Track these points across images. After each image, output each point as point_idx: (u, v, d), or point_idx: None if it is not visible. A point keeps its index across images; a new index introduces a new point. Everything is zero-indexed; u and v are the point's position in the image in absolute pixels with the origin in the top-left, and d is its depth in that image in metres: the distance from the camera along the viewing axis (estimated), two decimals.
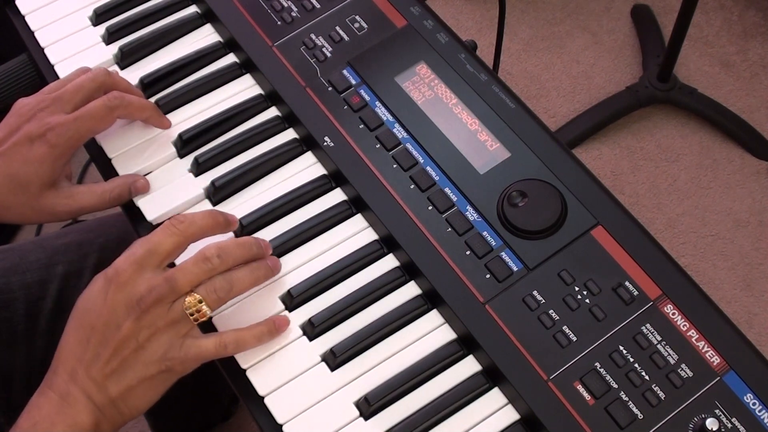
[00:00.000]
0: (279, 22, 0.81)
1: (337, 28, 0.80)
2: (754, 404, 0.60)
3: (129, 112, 0.74)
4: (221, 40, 0.83)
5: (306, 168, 0.75)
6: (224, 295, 0.64)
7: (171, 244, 0.64)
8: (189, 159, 0.76)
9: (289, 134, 0.77)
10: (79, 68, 0.76)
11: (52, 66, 0.82)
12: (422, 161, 0.72)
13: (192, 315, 0.63)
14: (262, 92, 0.80)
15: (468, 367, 0.65)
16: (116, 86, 0.74)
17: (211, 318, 0.66)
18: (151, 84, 0.80)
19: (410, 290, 0.69)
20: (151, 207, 0.74)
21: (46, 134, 0.70)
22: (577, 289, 0.65)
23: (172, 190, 0.75)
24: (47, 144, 0.70)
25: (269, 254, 0.69)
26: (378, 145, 0.73)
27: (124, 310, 0.62)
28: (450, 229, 0.69)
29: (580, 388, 0.62)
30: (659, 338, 0.63)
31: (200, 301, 0.63)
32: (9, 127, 0.72)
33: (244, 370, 0.66)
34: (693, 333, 0.63)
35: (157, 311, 0.62)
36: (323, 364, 0.66)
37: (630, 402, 0.61)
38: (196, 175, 0.75)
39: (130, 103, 0.73)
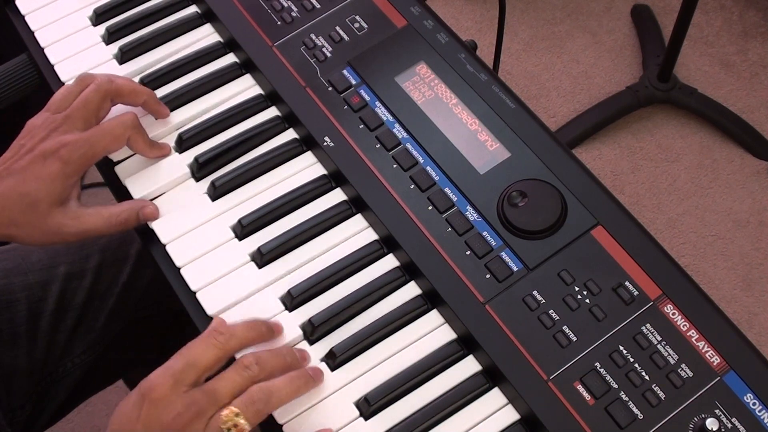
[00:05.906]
0: (279, 22, 0.81)
1: (337, 28, 0.80)
2: (754, 404, 0.60)
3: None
4: (221, 40, 0.83)
5: (306, 168, 0.75)
6: (262, 407, 0.60)
7: (212, 357, 0.61)
8: (189, 158, 0.76)
9: (289, 134, 0.77)
10: (79, 77, 0.75)
11: (52, 66, 0.82)
12: (422, 161, 0.72)
13: (229, 430, 0.59)
14: (262, 92, 0.80)
15: (468, 367, 0.65)
16: (120, 91, 0.74)
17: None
18: (151, 84, 0.80)
19: (410, 290, 0.69)
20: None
21: (59, 150, 0.70)
22: (577, 289, 0.65)
23: (172, 190, 0.75)
24: (60, 160, 0.69)
25: (306, 365, 0.66)
26: (378, 145, 0.73)
27: (160, 428, 0.58)
28: (450, 229, 0.69)
29: (580, 388, 0.62)
30: (659, 338, 0.63)
31: (237, 415, 0.59)
32: (24, 147, 0.71)
33: None
34: (693, 333, 0.63)
35: (194, 428, 0.58)
36: (323, 364, 0.66)
37: (630, 402, 0.61)
38: (197, 175, 0.75)
39: (140, 129, 0.74)
